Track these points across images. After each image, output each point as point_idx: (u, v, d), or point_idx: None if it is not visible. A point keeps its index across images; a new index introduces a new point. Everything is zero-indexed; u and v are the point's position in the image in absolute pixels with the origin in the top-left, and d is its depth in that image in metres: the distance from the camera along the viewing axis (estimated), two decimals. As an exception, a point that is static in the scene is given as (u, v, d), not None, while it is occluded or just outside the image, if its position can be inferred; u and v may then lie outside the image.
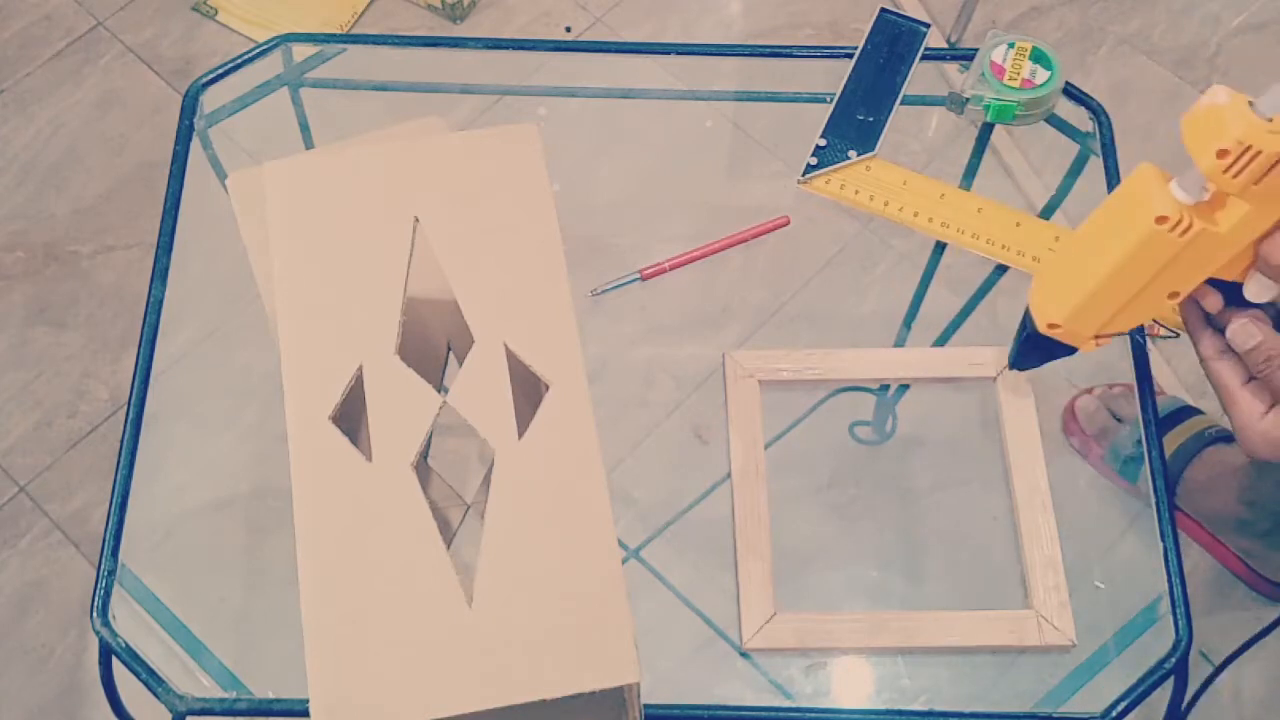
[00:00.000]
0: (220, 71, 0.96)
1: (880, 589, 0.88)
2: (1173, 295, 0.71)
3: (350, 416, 0.68)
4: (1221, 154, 0.63)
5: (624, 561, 0.64)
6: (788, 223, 0.97)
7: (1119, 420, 1.27)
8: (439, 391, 0.67)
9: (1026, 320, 0.77)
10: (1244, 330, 0.71)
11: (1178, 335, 0.79)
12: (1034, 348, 0.78)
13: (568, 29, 1.69)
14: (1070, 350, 0.77)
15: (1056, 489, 0.84)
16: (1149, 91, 1.61)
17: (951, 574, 0.88)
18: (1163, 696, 0.76)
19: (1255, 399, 0.71)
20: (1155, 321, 0.79)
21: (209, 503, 0.93)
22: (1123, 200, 0.70)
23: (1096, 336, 0.74)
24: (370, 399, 0.67)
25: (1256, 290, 0.70)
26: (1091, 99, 0.96)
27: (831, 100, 0.95)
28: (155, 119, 1.61)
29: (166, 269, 0.87)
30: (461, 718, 0.60)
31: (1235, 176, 0.64)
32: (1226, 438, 1.29)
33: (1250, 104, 0.64)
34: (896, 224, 0.92)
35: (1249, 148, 0.63)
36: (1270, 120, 0.63)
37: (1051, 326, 0.75)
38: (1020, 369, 0.81)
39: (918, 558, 0.87)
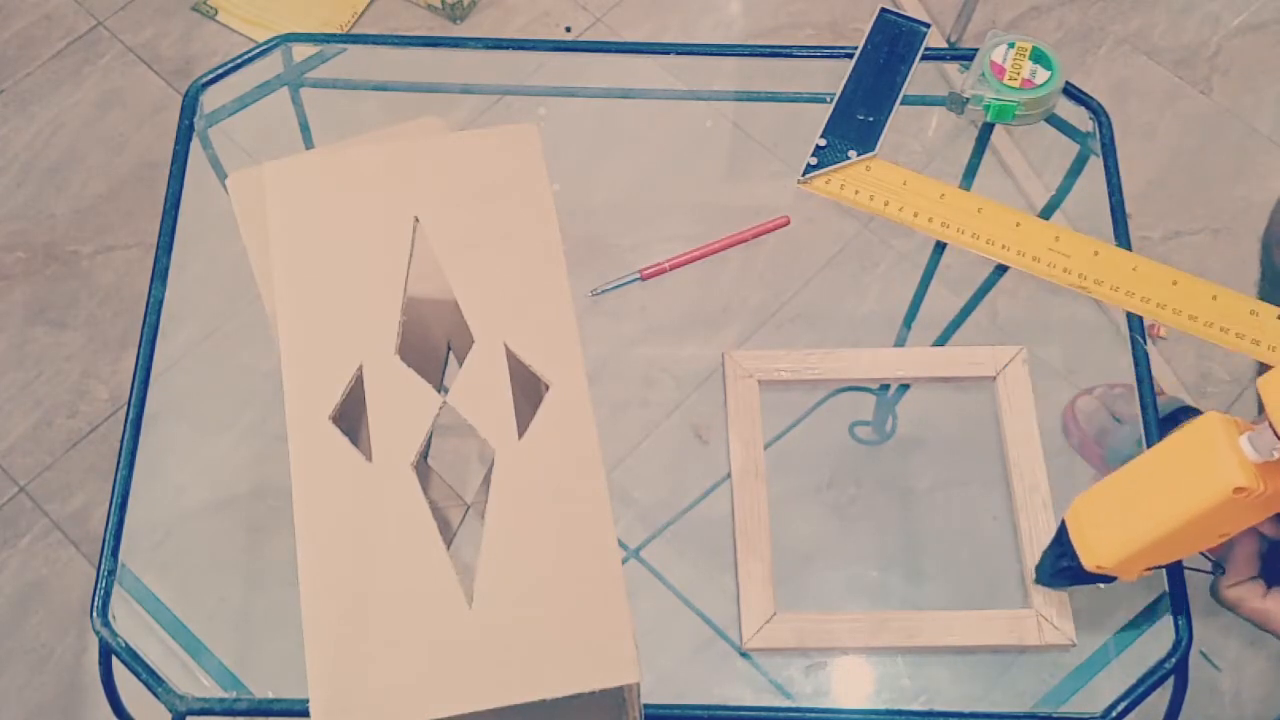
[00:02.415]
0: (220, 71, 0.96)
1: (880, 589, 0.88)
2: (1223, 535, 0.69)
3: (350, 416, 0.68)
4: None
5: (624, 561, 0.64)
6: (788, 223, 0.97)
7: (1119, 420, 1.27)
8: (439, 391, 0.67)
9: (1068, 549, 0.74)
10: None
11: (1224, 570, 0.74)
12: (1073, 577, 0.75)
13: (568, 29, 1.69)
14: (1112, 579, 0.74)
15: (1056, 489, 0.84)
16: (1149, 91, 1.61)
17: (951, 574, 0.88)
18: (1163, 697, 0.76)
19: None
20: (1156, 322, 0.78)
21: (209, 503, 0.93)
22: (1194, 456, 0.66)
23: (1142, 571, 0.72)
24: (370, 399, 0.67)
25: None
26: (1091, 99, 0.96)
27: (831, 100, 0.95)
28: (155, 119, 1.61)
29: (166, 269, 0.87)
30: (461, 718, 0.60)
31: None
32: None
33: None
34: (896, 224, 0.92)
35: None
36: None
37: (1099, 567, 0.72)
38: (1051, 587, 0.79)
39: (918, 558, 0.87)
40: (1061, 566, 0.75)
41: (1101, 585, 0.75)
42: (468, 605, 0.62)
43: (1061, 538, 0.74)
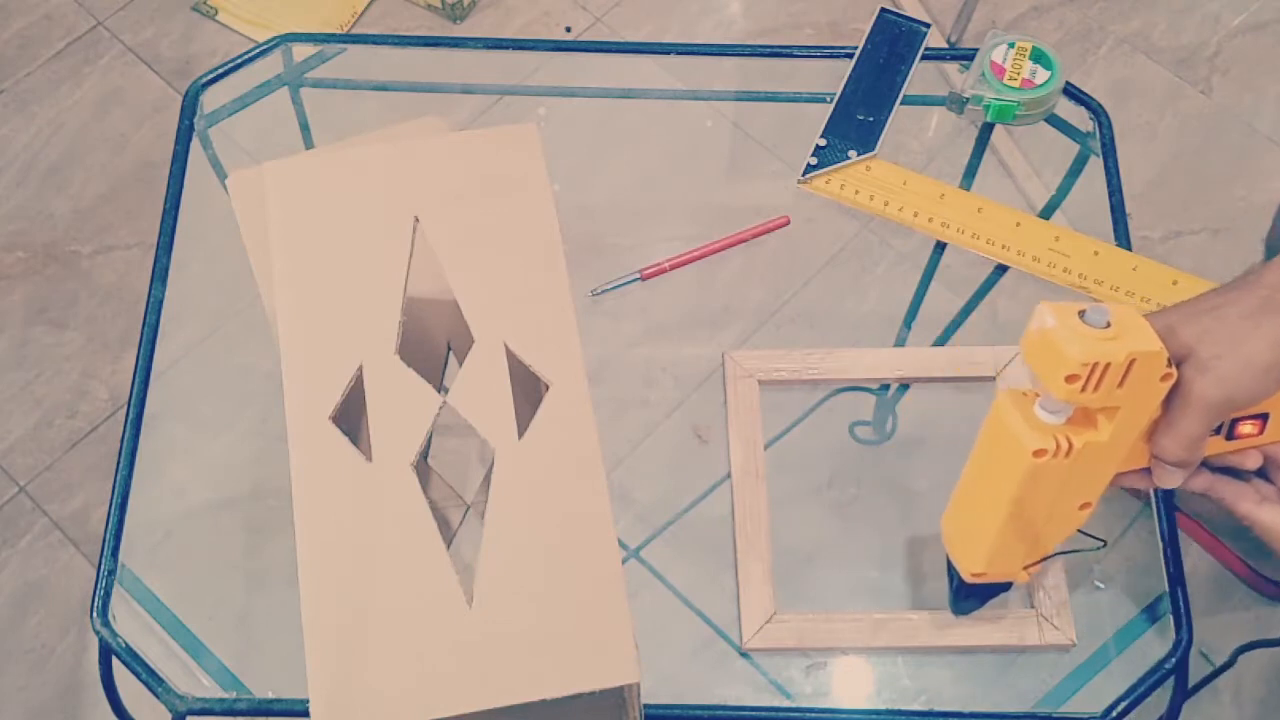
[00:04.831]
0: (220, 71, 0.96)
1: (880, 589, 0.87)
2: (1084, 506, 0.69)
3: (350, 416, 0.68)
4: (1071, 379, 0.60)
5: (624, 561, 0.64)
6: (788, 223, 0.97)
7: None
8: (439, 391, 0.67)
9: (952, 571, 0.75)
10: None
11: (1104, 543, 0.75)
12: (969, 593, 0.76)
13: (568, 29, 1.69)
14: (1006, 585, 0.75)
15: (1056, 489, 0.84)
16: (1149, 91, 1.61)
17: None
18: (1163, 697, 0.76)
19: None
20: None
21: (209, 503, 0.93)
22: (995, 437, 0.67)
23: (1026, 567, 0.72)
24: (370, 399, 0.67)
25: (1164, 479, 0.68)
26: (1091, 99, 0.96)
27: (831, 100, 0.95)
28: (155, 119, 1.61)
29: (166, 269, 0.87)
30: (461, 718, 0.60)
31: (1095, 391, 0.61)
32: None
33: (1081, 315, 0.61)
34: (896, 224, 0.92)
35: (1095, 364, 0.60)
36: (1106, 327, 0.61)
37: (976, 575, 0.73)
38: (964, 614, 0.79)
39: (918, 558, 0.87)
40: (955, 587, 0.76)
41: (1005, 591, 0.75)
42: (468, 605, 0.62)
43: (949, 561, 0.75)
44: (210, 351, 0.97)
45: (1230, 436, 0.68)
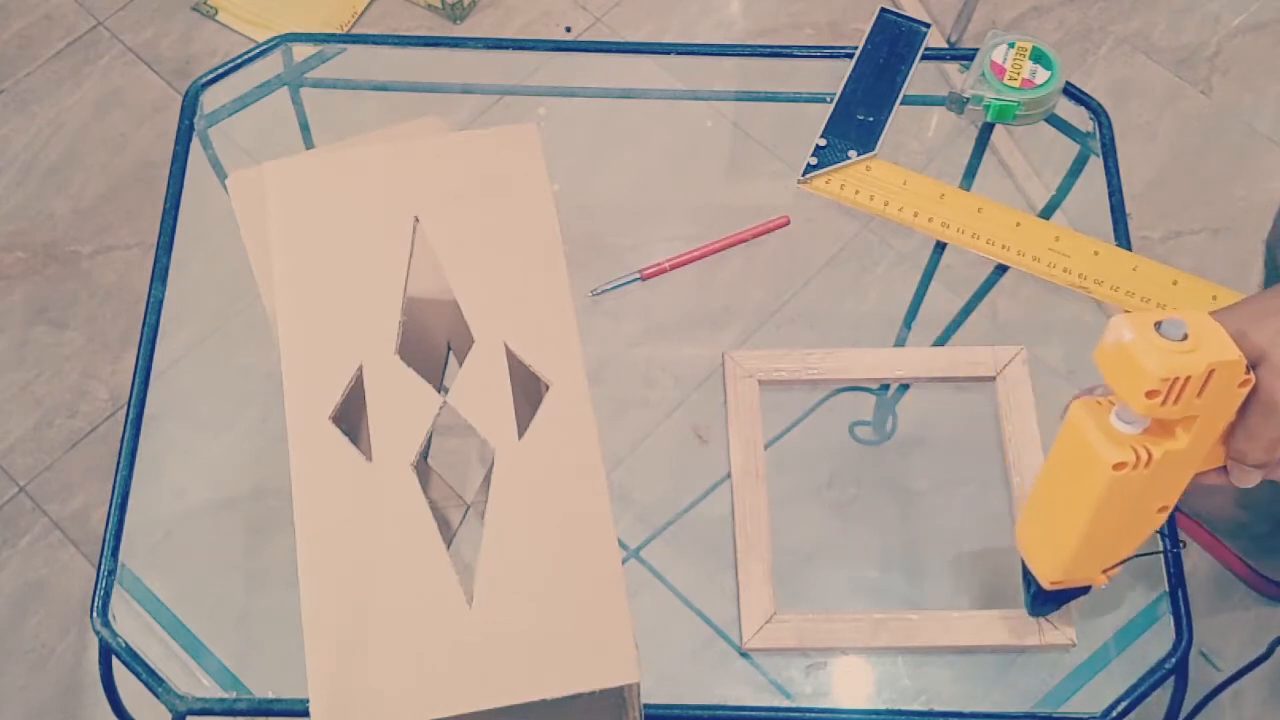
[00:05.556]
0: (220, 71, 0.96)
1: (880, 589, 0.88)
2: (1162, 509, 0.68)
3: (350, 416, 0.68)
4: (1151, 394, 0.60)
5: (624, 561, 0.64)
6: (788, 223, 0.97)
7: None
8: (439, 391, 0.67)
9: (1029, 576, 0.75)
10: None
11: (1185, 545, 0.77)
12: (1048, 598, 0.75)
13: (568, 29, 1.69)
14: (1085, 589, 0.74)
15: (1056, 489, 0.84)
16: (1149, 91, 1.61)
17: (951, 574, 0.88)
18: (1163, 697, 0.76)
19: None
20: None
21: (209, 503, 0.93)
22: (1072, 449, 0.66)
23: (1104, 570, 0.72)
24: (370, 399, 0.67)
25: (1241, 479, 0.68)
26: (1091, 99, 0.96)
27: (831, 100, 0.95)
28: (155, 119, 1.61)
29: (166, 269, 0.87)
30: (461, 718, 0.60)
31: (1175, 404, 0.61)
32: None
33: (1157, 327, 0.60)
34: (896, 224, 0.92)
35: (1176, 379, 0.60)
36: (1184, 339, 0.60)
37: (1055, 583, 0.72)
38: (1041, 615, 0.79)
39: (918, 558, 0.87)
40: (1034, 593, 0.75)
41: (1085, 594, 0.75)
42: (468, 605, 0.62)
43: (1024, 566, 0.75)
44: (210, 351, 0.97)
45: None
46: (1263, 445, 0.65)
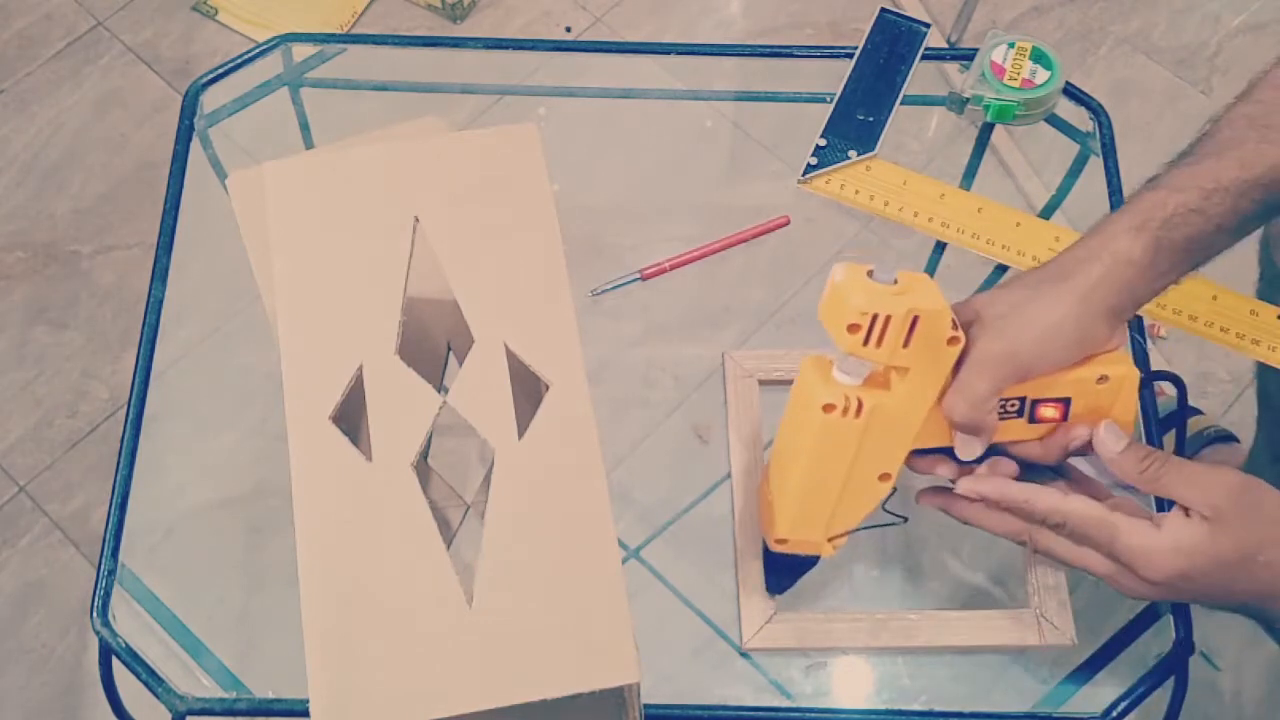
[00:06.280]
0: (220, 71, 0.96)
1: (880, 589, 0.87)
2: (883, 477, 0.69)
3: (350, 416, 0.68)
4: (853, 329, 0.62)
5: (624, 561, 0.64)
6: (788, 223, 0.97)
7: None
8: (439, 391, 0.67)
9: (765, 544, 0.76)
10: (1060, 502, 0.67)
11: (906, 519, 0.77)
12: (778, 566, 0.76)
13: (568, 29, 1.69)
14: (813, 560, 0.75)
15: (1056, 489, 0.84)
16: (1149, 91, 1.61)
17: (951, 574, 0.88)
18: (1163, 697, 0.76)
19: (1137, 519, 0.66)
20: (1156, 322, 0.78)
21: (209, 503, 0.93)
22: (794, 400, 0.69)
23: (830, 539, 0.72)
24: (370, 399, 0.67)
25: (964, 449, 0.69)
26: (1091, 99, 0.96)
27: (831, 100, 0.95)
28: (155, 119, 1.61)
29: (166, 269, 0.87)
30: (461, 718, 0.60)
31: (878, 346, 0.63)
32: (1226, 438, 1.29)
33: (869, 274, 0.63)
34: (896, 224, 0.92)
35: (875, 316, 0.62)
36: (894, 283, 0.63)
37: (780, 542, 0.73)
38: (778, 592, 0.80)
39: (918, 558, 0.87)
40: (766, 562, 0.77)
41: (814, 566, 0.76)
42: (468, 605, 0.62)
43: (764, 544, 0.76)
44: (210, 351, 0.97)
45: (1032, 420, 0.69)
46: (969, 399, 0.66)
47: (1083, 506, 0.67)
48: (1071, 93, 0.95)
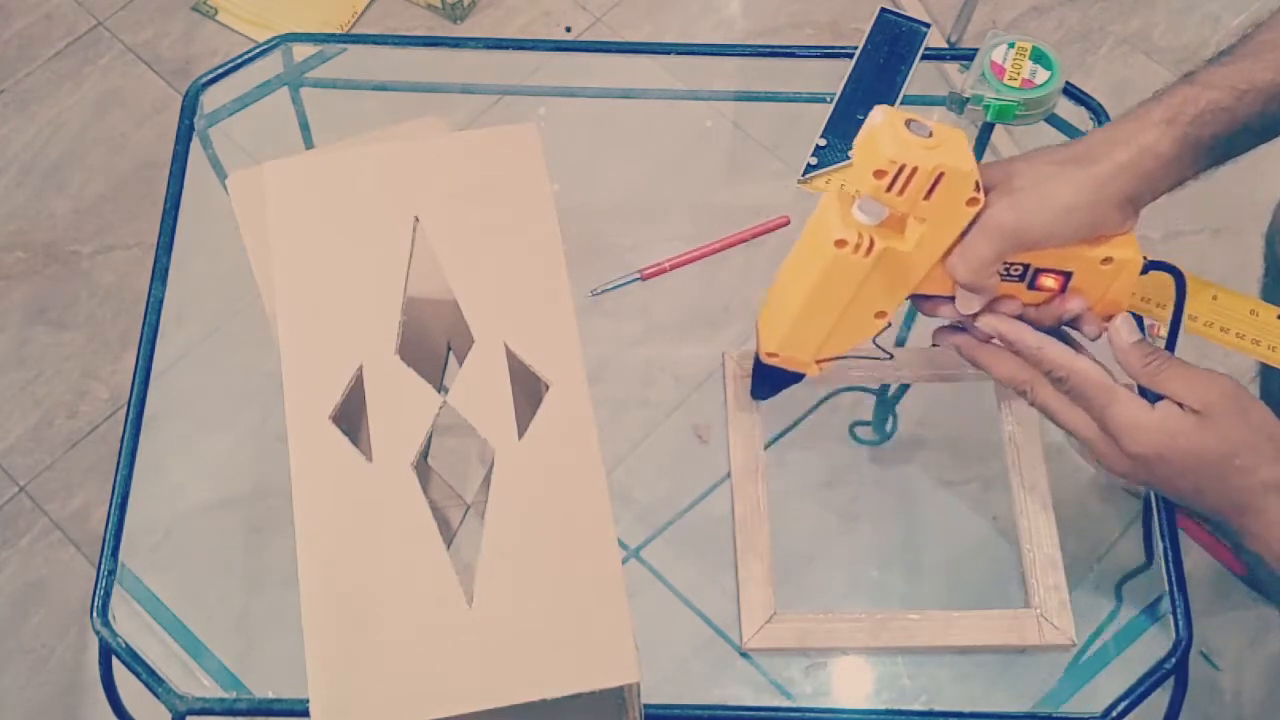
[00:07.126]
0: (220, 71, 0.96)
1: (880, 589, 0.88)
2: (880, 315, 0.71)
3: (350, 416, 0.68)
4: (879, 174, 0.63)
5: (624, 561, 0.64)
6: (788, 223, 0.97)
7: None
8: (439, 391, 0.67)
9: (758, 358, 0.78)
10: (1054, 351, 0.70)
11: (891, 356, 0.80)
12: (764, 377, 0.78)
13: (568, 29, 1.69)
14: (798, 376, 0.77)
15: (1056, 489, 0.84)
16: (1149, 91, 1.60)
17: (951, 574, 0.88)
18: (1163, 697, 0.76)
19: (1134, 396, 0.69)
20: (1156, 322, 0.78)
21: (209, 503, 0.93)
22: (812, 227, 0.70)
23: (817, 361, 0.74)
24: (370, 399, 0.67)
25: (962, 303, 0.71)
26: (1091, 99, 0.96)
27: (831, 100, 0.95)
28: (155, 119, 1.61)
29: (166, 269, 0.87)
30: (461, 718, 0.60)
31: (900, 194, 0.64)
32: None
33: (908, 124, 0.64)
34: (896, 224, 0.92)
35: (903, 166, 0.63)
36: (929, 137, 0.64)
37: (770, 355, 0.75)
38: (759, 399, 0.83)
39: (918, 558, 0.87)
40: (754, 370, 0.79)
41: (798, 381, 0.77)
42: (468, 605, 0.62)
43: (757, 357, 0.78)
44: (210, 351, 0.97)
45: (1032, 286, 0.71)
46: (971, 261, 0.67)
47: (1089, 367, 0.69)
48: (1071, 93, 0.95)
